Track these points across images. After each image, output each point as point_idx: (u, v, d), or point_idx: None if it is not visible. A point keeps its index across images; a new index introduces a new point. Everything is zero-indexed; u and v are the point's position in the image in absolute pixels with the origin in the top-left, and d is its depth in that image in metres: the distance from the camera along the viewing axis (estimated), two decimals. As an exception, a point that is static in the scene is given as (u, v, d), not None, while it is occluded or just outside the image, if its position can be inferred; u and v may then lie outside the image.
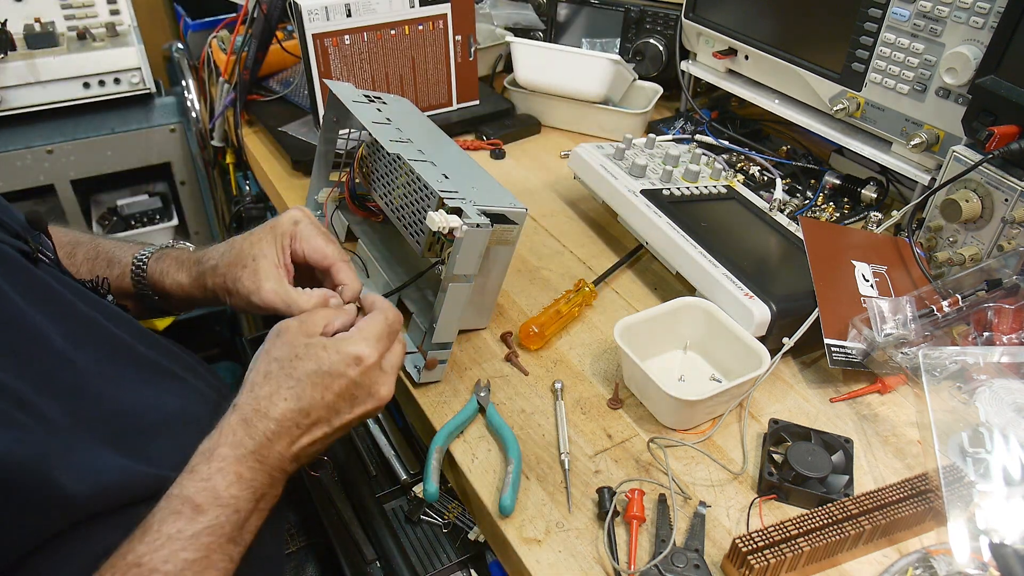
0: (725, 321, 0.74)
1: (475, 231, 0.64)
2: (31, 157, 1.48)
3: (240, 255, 0.69)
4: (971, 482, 0.59)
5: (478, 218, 0.65)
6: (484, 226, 0.65)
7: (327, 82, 0.86)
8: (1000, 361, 0.69)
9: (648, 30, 1.25)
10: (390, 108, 0.85)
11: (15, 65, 1.39)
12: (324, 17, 1.01)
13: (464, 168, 0.77)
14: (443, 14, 1.09)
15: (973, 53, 0.79)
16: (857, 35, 0.91)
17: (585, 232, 0.98)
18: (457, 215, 0.65)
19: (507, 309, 0.84)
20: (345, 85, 0.86)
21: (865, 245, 0.85)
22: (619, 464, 0.67)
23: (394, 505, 0.85)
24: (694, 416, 0.69)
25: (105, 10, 1.54)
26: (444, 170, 0.73)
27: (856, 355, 0.73)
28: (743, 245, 0.85)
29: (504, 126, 1.20)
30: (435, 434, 0.67)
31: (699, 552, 0.58)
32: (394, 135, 0.76)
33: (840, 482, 0.63)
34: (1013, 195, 0.76)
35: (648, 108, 1.18)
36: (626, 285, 0.89)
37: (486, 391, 0.72)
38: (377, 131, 0.75)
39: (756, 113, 1.18)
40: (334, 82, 0.86)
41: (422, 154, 0.74)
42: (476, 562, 0.77)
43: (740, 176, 1.07)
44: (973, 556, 0.55)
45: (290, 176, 1.11)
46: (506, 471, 0.64)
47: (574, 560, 0.59)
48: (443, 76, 1.15)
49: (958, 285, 0.75)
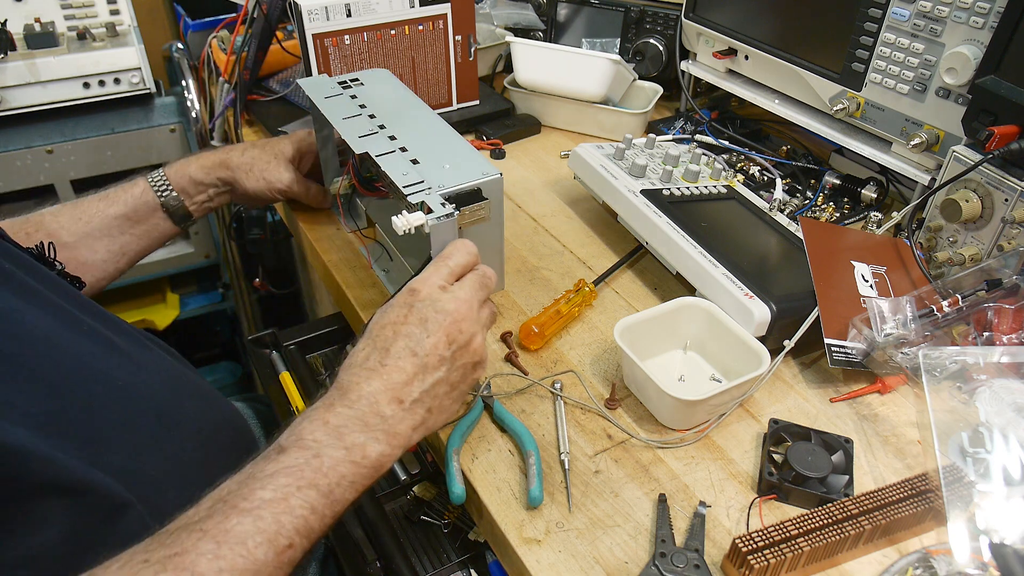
0: (725, 321, 0.74)
1: (440, 224, 0.66)
2: (31, 157, 1.49)
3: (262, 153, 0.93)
4: (971, 482, 0.59)
5: (442, 209, 0.66)
6: (449, 216, 0.66)
7: (299, 81, 0.87)
8: (1000, 361, 0.69)
9: (648, 30, 1.25)
10: (366, 89, 0.86)
11: (15, 65, 1.39)
12: (324, 17, 1.01)
13: (435, 141, 0.78)
14: (443, 14, 1.09)
15: (973, 53, 0.79)
16: (857, 35, 0.91)
17: (585, 232, 0.98)
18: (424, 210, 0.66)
19: (507, 309, 0.84)
20: (319, 79, 0.87)
21: (864, 245, 0.85)
22: (619, 464, 0.67)
23: (394, 505, 0.85)
24: (694, 416, 0.69)
25: (105, 10, 1.54)
26: (414, 153, 0.75)
27: (856, 355, 0.73)
28: (743, 245, 0.85)
29: (504, 126, 1.20)
30: (448, 436, 0.68)
31: (699, 552, 0.58)
32: (364, 128, 0.78)
33: (840, 482, 0.63)
34: (1013, 195, 0.76)
35: (648, 108, 1.18)
36: (626, 285, 0.89)
37: (487, 389, 0.72)
38: (345, 129, 0.77)
39: (756, 113, 1.17)
40: (305, 80, 0.87)
41: (392, 140, 0.77)
42: (476, 562, 0.77)
43: (740, 176, 1.07)
44: (973, 556, 0.55)
45: (290, 176, 1.11)
46: (528, 464, 0.65)
47: (574, 560, 0.59)
48: (443, 76, 1.15)
49: (958, 285, 0.75)
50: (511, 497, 0.64)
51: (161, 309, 1.93)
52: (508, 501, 0.63)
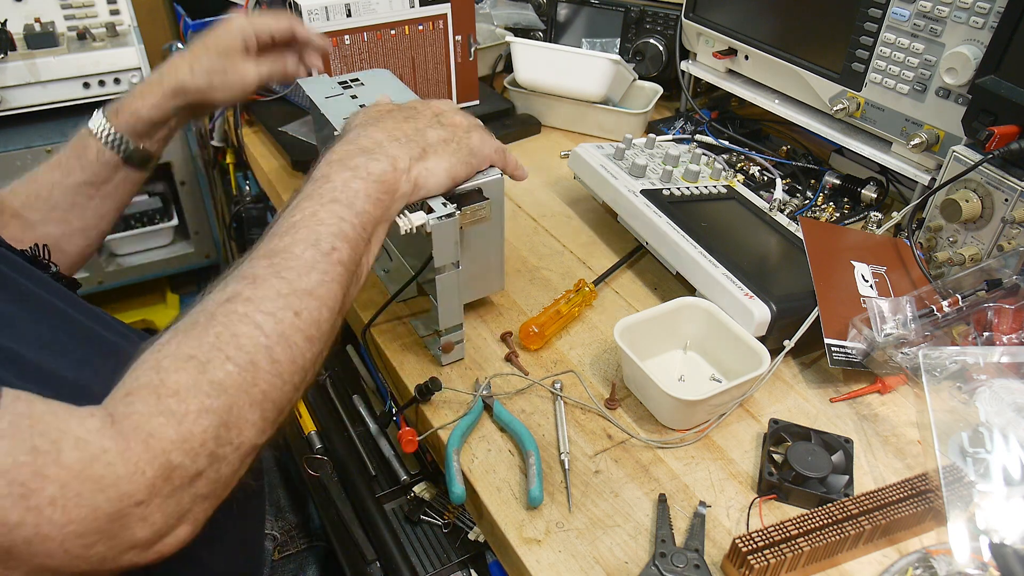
0: (725, 321, 0.74)
1: (442, 224, 0.66)
2: (31, 157, 1.49)
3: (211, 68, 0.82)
4: (971, 482, 0.59)
5: (443, 209, 0.66)
6: (450, 216, 0.66)
7: (299, 81, 0.86)
8: (1000, 361, 0.69)
9: (648, 30, 1.25)
10: (366, 89, 0.85)
11: (15, 65, 1.39)
12: (324, 17, 1.01)
13: None
14: (443, 14, 1.09)
15: (973, 53, 0.79)
16: (857, 35, 0.91)
17: (585, 232, 0.98)
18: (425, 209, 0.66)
19: (507, 309, 0.84)
20: (319, 79, 0.87)
21: (864, 245, 0.85)
22: (619, 464, 0.67)
23: (394, 505, 0.85)
24: (694, 416, 0.69)
25: (105, 10, 1.54)
26: None
27: (856, 355, 0.73)
28: (743, 245, 0.85)
29: (504, 126, 1.20)
30: (448, 436, 0.68)
31: (699, 552, 0.58)
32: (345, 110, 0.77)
33: (840, 482, 0.63)
34: (1013, 195, 0.76)
35: (648, 108, 1.18)
36: (626, 285, 0.89)
37: (487, 389, 0.72)
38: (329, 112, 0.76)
39: (756, 113, 1.17)
40: (306, 80, 0.86)
41: None
42: (476, 562, 0.77)
43: (740, 176, 1.07)
44: (973, 556, 0.55)
45: (290, 176, 1.11)
46: (528, 464, 0.65)
47: (574, 560, 0.59)
48: (443, 76, 1.15)
49: (958, 285, 0.75)
50: (511, 497, 0.64)
51: (161, 309, 1.93)
52: (508, 501, 0.63)
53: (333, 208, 0.57)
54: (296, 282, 0.53)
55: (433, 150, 0.65)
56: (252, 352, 0.49)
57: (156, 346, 0.49)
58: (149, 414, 0.44)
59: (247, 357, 0.48)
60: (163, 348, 0.48)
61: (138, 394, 0.45)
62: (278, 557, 0.86)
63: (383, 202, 0.60)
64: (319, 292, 0.53)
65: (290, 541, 0.88)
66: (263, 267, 0.53)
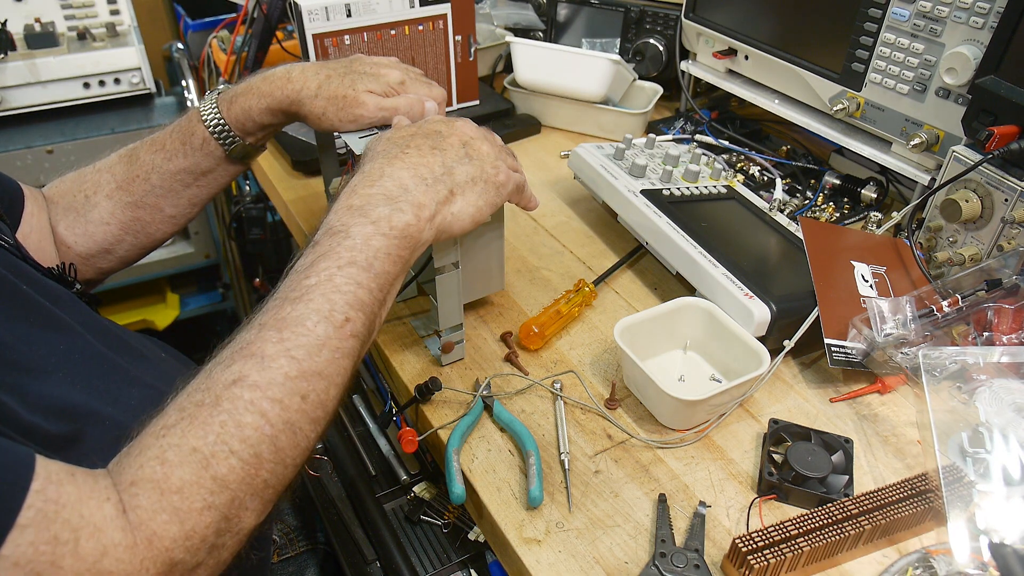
0: (725, 321, 0.74)
1: None
2: (31, 157, 1.49)
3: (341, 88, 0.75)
4: (971, 482, 0.59)
5: None
6: None
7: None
8: (1000, 361, 0.69)
9: (648, 30, 1.25)
10: None
11: (15, 65, 1.39)
12: (324, 17, 1.01)
13: None
14: (443, 14, 1.09)
15: (973, 53, 0.79)
16: (857, 35, 0.91)
17: (585, 232, 0.98)
18: None
19: (507, 309, 0.84)
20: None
21: (864, 245, 0.85)
22: (619, 464, 0.67)
23: (394, 505, 0.85)
24: (694, 416, 0.69)
25: (105, 10, 1.54)
26: None
27: (856, 355, 0.73)
28: (743, 245, 0.85)
29: (504, 126, 1.20)
30: (448, 436, 0.68)
31: (699, 552, 0.58)
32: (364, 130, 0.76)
33: (840, 482, 0.63)
34: (1013, 195, 0.76)
35: (648, 108, 1.18)
36: (626, 285, 0.89)
37: (487, 389, 0.72)
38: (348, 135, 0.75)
39: (756, 113, 1.18)
40: None
41: None
42: (476, 562, 0.77)
43: (740, 176, 1.07)
44: (973, 556, 0.55)
45: (290, 176, 1.11)
46: (528, 464, 0.65)
47: (574, 560, 0.59)
48: (443, 76, 1.15)
49: (958, 285, 0.75)
50: (511, 497, 0.64)
51: (161, 309, 1.93)
52: (508, 501, 0.63)
53: (350, 272, 0.55)
54: (305, 362, 0.51)
55: (461, 191, 0.63)
56: (256, 444, 0.48)
57: (161, 428, 0.48)
58: (153, 511, 0.45)
59: (251, 450, 0.48)
60: (168, 434, 0.48)
61: (142, 487, 0.45)
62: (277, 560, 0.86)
63: (403, 258, 0.59)
64: (328, 371, 0.52)
65: (289, 544, 0.88)
66: (273, 343, 0.51)
